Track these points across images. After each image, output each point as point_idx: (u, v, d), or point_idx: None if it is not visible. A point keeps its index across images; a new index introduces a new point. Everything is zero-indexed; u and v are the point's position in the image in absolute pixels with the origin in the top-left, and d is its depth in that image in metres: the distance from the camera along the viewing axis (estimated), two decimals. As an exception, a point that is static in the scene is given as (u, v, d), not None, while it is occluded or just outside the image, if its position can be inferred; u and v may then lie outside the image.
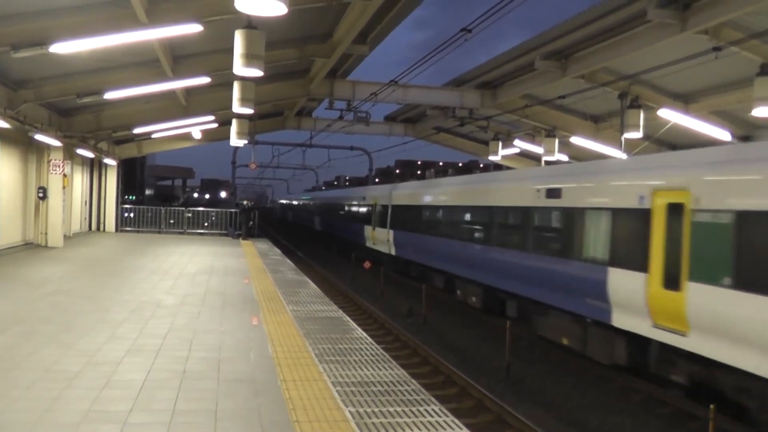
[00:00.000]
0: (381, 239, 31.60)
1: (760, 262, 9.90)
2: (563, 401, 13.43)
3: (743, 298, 10.03)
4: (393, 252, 29.62)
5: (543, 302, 16.16)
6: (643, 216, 12.62)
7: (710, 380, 11.37)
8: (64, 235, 26.62)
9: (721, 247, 10.62)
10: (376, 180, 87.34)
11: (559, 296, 15.40)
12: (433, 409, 7.51)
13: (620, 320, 13.18)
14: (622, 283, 13.02)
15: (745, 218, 10.25)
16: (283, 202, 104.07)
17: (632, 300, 12.66)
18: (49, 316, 11.90)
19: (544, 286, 15.98)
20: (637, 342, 12.99)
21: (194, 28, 13.52)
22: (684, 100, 22.03)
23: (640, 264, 12.53)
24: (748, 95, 18.12)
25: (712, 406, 9.90)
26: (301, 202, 72.44)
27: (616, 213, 13.48)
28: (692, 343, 11.18)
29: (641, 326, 12.51)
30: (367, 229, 34.39)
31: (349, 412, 7.26)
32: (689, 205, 11.42)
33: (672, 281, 11.63)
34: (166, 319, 12.07)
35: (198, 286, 16.46)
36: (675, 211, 11.81)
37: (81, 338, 10.24)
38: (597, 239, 14.18)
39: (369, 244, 34.35)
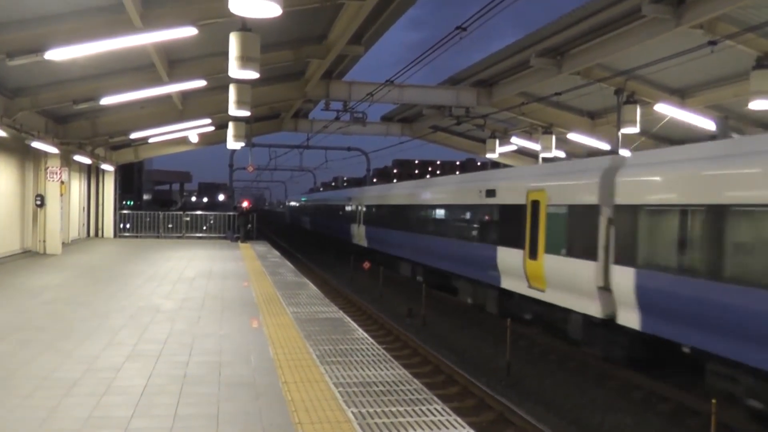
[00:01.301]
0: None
1: None
2: (564, 400, 13.41)
3: None
4: None
5: None
6: None
7: None
8: (63, 242, 26.58)
9: None
10: (374, 180, 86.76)
11: None
12: (435, 408, 7.49)
13: None
14: None
15: None
16: (302, 203, 71.32)
17: None
18: (47, 323, 11.87)
19: None
20: None
21: (189, 32, 13.49)
22: (680, 95, 22.04)
23: None
24: (744, 89, 18.13)
25: (713, 401, 9.87)
26: (350, 203, 40.83)
27: None
28: None
29: None
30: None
31: (352, 412, 7.24)
32: None
33: None
34: (165, 324, 12.04)
35: (197, 290, 16.43)
36: None
37: (80, 345, 10.21)
38: None
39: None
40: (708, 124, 21.37)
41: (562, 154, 29.64)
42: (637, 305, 12.89)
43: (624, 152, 20.48)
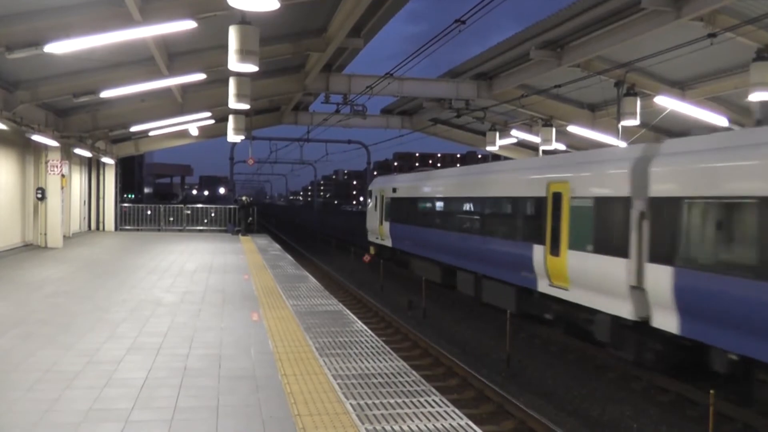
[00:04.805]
0: None
1: None
2: (564, 391, 13.45)
3: None
4: None
5: None
6: None
7: None
8: (64, 236, 26.62)
9: None
10: (375, 173, 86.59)
11: None
12: (433, 400, 7.53)
13: None
14: None
15: None
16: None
17: None
18: (48, 317, 11.92)
19: None
20: None
21: (188, 25, 13.50)
22: (680, 87, 22.03)
23: None
24: (744, 81, 18.12)
25: (711, 392, 9.91)
26: None
27: None
28: None
29: None
30: None
31: (350, 404, 7.28)
32: None
33: None
34: (166, 317, 12.09)
35: (197, 283, 16.47)
36: None
37: (81, 338, 10.25)
38: None
39: None
40: (708, 116, 21.40)
41: (562, 147, 29.65)
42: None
43: (622, 144, 20.48)
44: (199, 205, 40.22)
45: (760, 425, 11.02)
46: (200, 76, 18.81)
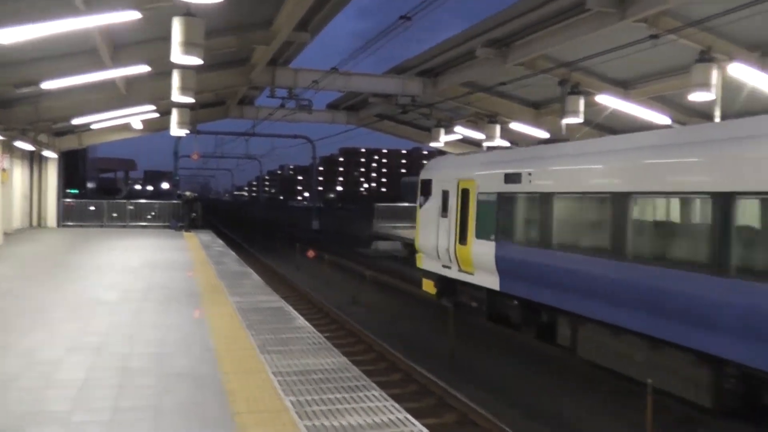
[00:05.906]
0: None
1: None
2: (508, 384, 13.58)
3: None
4: None
5: None
6: None
7: None
8: (4, 232, 26.05)
9: None
10: (320, 168, 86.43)
11: None
12: (373, 395, 7.55)
13: None
14: None
15: None
16: None
17: None
18: (-16, 313, 11.67)
19: None
20: None
21: (132, 15, 13.27)
22: (624, 86, 22.36)
23: None
24: (686, 81, 18.44)
25: (649, 381, 10.07)
26: None
27: None
28: None
29: None
30: None
31: (290, 401, 7.27)
32: None
33: None
34: (107, 316, 11.91)
35: (140, 281, 16.26)
36: None
37: (20, 339, 10.04)
38: None
39: None
40: (650, 115, 21.77)
41: (505, 143, 29.91)
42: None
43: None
44: (142, 201, 39.69)
45: (698, 416, 11.27)
46: (144, 68, 18.53)
